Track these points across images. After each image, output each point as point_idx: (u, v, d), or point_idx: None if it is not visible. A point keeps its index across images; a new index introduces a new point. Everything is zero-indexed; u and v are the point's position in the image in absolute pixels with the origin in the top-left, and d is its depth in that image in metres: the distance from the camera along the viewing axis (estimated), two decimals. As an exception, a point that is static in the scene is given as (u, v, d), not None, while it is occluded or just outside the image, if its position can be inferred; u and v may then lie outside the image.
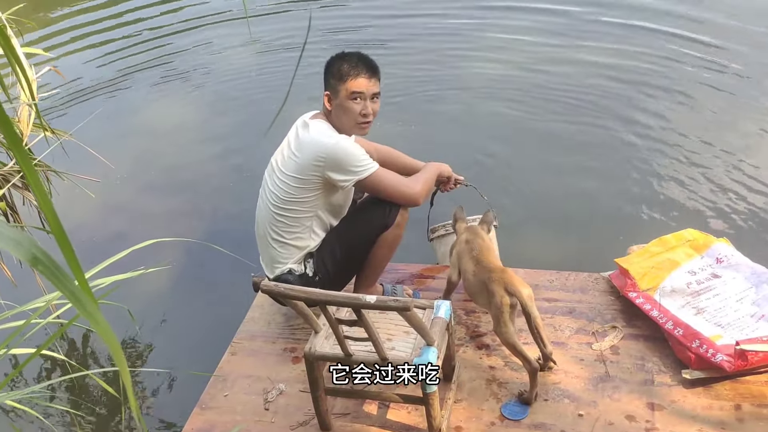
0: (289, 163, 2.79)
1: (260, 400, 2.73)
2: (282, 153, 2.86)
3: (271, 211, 2.83)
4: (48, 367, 3.50)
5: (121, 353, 0.63)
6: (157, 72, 6.56)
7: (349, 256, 2.91)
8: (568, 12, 6.60)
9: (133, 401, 0.70)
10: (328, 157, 2.70)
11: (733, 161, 4.34)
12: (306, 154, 2.74)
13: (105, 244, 3.90)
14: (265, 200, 2.88)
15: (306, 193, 2.77)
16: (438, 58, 6.06)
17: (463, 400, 2.61)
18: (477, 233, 2.86)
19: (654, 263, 2.99)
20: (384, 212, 2.86)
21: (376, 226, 2.88)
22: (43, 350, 1.69)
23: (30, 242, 0.59)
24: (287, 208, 2.80)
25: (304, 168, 2.74)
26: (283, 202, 2.80)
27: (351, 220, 2.94)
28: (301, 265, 2.87)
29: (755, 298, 2.78)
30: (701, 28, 6.08)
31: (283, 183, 2.79)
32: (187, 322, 3.63)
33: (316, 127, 2.79)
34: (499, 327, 2.50)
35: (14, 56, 1.27)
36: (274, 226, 2.84)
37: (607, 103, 5.15)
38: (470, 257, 2.74)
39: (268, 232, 2.87)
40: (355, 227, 2.91)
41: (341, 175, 2.73)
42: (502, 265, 2.71)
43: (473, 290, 2.74)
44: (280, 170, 2.81)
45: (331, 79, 2.82)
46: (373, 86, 2.82)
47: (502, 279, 2.53)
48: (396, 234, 2.91)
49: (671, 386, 2.59)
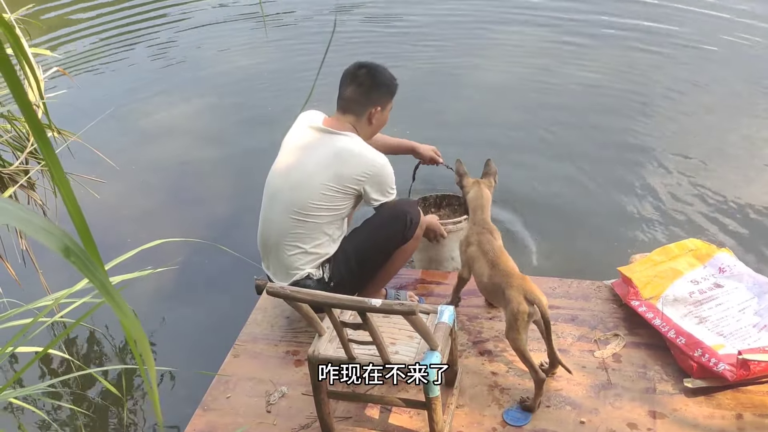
0: (325, 174, 2.78)
1: (262, 402, 2.73)
2: (305, 163, 2.85)
3: (290, 218, 2.83)
4: (51, 366, 3.50)
5: (147, 345, 0.63)
6: (164, 72, 6.59)
7: (365, 265, 2.95)
8: (571, 20, 6.63)
9: (155, 397, 0.71)
10: (375, 175, 2.81)
11: (737, 172, 4.36)
12: (351, 167, 2.78)
13: (110, 245, 3.90)
14: (281, 208, 2.86)
15: (337, 202, 2.82)
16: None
17: (465, 406, 2.61)
18: (491, 232, 2.78)
19: (657, 272, 3.00)
20: (404, 226, 2.90)
21: (396, 241, 2.93)
22: (50, 349, 1.70)
23: (62, 233, 0.60)
24: (312, 215, 2.81)
25: (344, 179, 2.78)
26: (309, 208, 2.80)
27: (369, 231, 2.96)
28: (319, 270, 2.89)
29: (757, 308, 2.79)
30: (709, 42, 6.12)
31: (312, 189, 2.79)
32: (190, 324, 3.64)
33: (355, 141, 2.84)
34: (512, 333, 2.49)
35: (23, 55, 1.28)
36: (291, 233, 2.84)
37: (612, 111, 5.18)
38: (485, 260, 2.67)
39: (283, 240, 2.87)
40: (374, 239, 2.93)
41: (377, 193, 2.84)
42: (517, 268, 2.64)
43: (488, 292, 2.74)
44: (313, 180, 2.80)
45: (383, 93, 2.90)
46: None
47: (522, 286, 2.48)
48: (414, 246, 3.03)
49: (673, 395, 2.59)
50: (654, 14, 6.67)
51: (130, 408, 3.22)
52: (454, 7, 7.21)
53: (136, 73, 6.69)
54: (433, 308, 2.48)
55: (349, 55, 4.64)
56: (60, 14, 8.07)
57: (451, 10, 7.12)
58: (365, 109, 2.88)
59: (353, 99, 2.88)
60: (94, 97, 6.13)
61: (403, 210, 2.90)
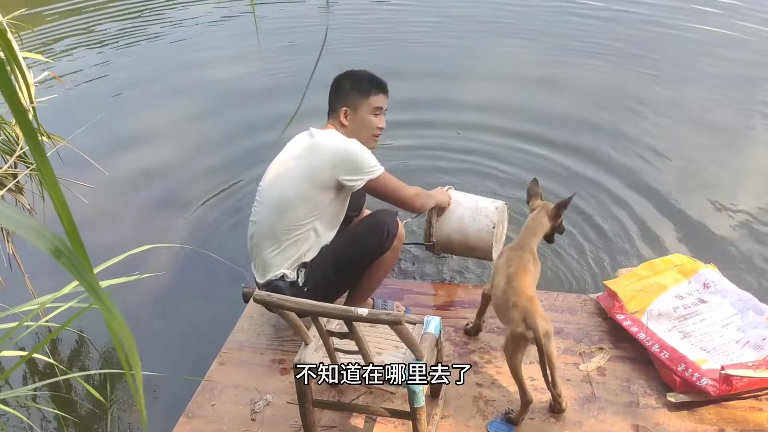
0: (300, 168, 2.86)
1: (247, 410, 2.72)
2: (287, 162, 2.93)
3: (271, 215, 2.89)
4: (34, 370, 3.48)
5: (134, 348, 0.64)
6: (154, 79, 6.60)
7: (341, 275, 2.94)
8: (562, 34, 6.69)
9: (141, 401, 0.71)
10: (344, 160, 2.83)
11: (723, 188, 4.40)
12: (321, 157, 2.84)
13: (98, 250, 3.89)
14: (264, 206, 2.92)
15: (314, 195, 2.84)
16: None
17: (449, 417, 2.62)
18: (523, 248, 2.71)
19: (642, 286, 3.02)
20: (381, 238, 2.89)
21: (373, 252, 2.92)
22: (34, 353, 1.69)
23: (52, 234, 0.60)
24: (291, 210, 2.85)
25: (316, 169, 2.83)
26: (287, 203, 2.85)
27: (347, 240, 2.96)
28: (293, 273, 2.89)
29: (741, 324, 2.82)
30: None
31: (289, 184, 2.87)
32: (176, 331, 3.62)
33: (329, 134, 2.94)
34: (507, 350, 2.49)
35: (14, 59, 1.29)
36: (271, 230, 2.89)
37: (601, 123, 5.23)
38: (505, 273, 2.62)
39: (264, 238, 2.91)
40: (350, 249, 2.93)
41: (354, 175, 2.84)
42: (533, 291, 2.56)
43: (498, 307, 2.65)
44: (289, 176, 2.88)
45: (353, 94, 2.97)
46: (386, 102, 3.06)
47: (525, 309, 2.43)
48: (392, 257, 3.00)
49: (656, 409, 2.61)
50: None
51: (114, 414, 3.21)
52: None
53: (126, 79, 6.70)
54: (419, 318, 2.49)
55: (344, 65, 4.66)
56: (52, 19, 8.06)
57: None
58: (336, 111, 3.01)
59: (329, 103, 3.05)
60: (84, 102, 6.13)
61: (381, 221, 2.91)
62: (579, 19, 7.48)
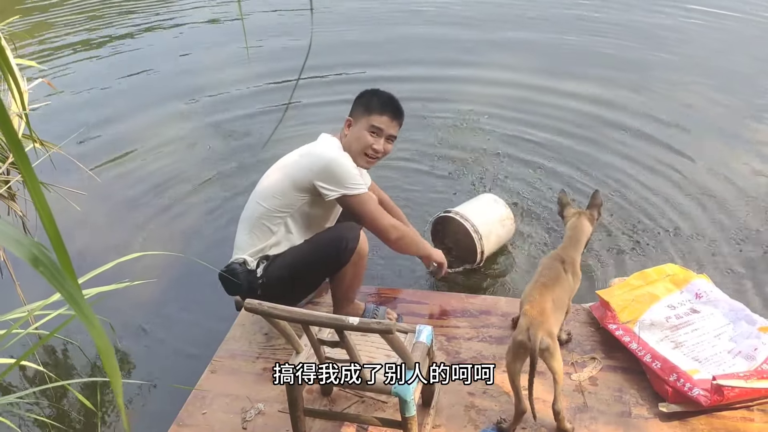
0: (289, 166, 2.98)
1: (238, 419, 2.71)
2: (287, 158, 3.07)
3: (255, 200, 3.01)
4: (24, 378, 3.46)
5: (113, 357, 0.64)
6: (148, 86, 6.60)
7: (297, 281, 2.96)
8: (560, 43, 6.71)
9: (123, 410, 0.71)
10: (324, 167, 2.87)
11: (716, 200, 4.41)
12: (309, 159, 2.93)
13: (89, 257, 3.88)
14: (256, 192, 3.05)
15: (287, 191, 2.93)
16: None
17: (441, 426, 2.61)
18: (564, 260, 2.67)
19: (634, 296, 3.02)
20: (338, 250, 2.88)
21: (331, 264, 2.93)
22: (23, 360, 1.68)
23: (30, 242, 0.60)
24: (267, 200, 2.95)
25: (301, 170, 2.92)
26: (265, 193, 2.97)
27: (310, 245, 2.98)
28: (254, 261, 2.94)
29: (732, 335, 2.82)
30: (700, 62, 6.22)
31: (272, 179, 2.99)
32: (168, 339, 3.60)
33: (325, 141, 3.02)
34: (507, 356, 2.48)
35: (7, 66, 1.29)
36: (251, 213, 3.00)
37: (595, 130, 5.25)
38: (534, 281, 2.60)
39: (244, 218, 3.04)
40: (309, 255, 2.94)
41: (330, 185, 2.87)
42: (550, 304, 2.50)
43: (520, 309, 2.59)
44: (280, 171, 3.00)
45: (359, 107, 3.03)
46: (393, 128, 3.04)
47: (532, 319, 2.40)
48: (355, 270, 2.96)
49: (648, 419, 2.61)
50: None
51: (105, 421, 3.19)
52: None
53: (120, 87, 6.70)
54: (411, 327, 2.48)
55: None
56: (46, 26, 8.07)
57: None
58: (346, 120, 3.08)
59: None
60: (78, 109, 6.12)
61: (340, 234, 2.91)
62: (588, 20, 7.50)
